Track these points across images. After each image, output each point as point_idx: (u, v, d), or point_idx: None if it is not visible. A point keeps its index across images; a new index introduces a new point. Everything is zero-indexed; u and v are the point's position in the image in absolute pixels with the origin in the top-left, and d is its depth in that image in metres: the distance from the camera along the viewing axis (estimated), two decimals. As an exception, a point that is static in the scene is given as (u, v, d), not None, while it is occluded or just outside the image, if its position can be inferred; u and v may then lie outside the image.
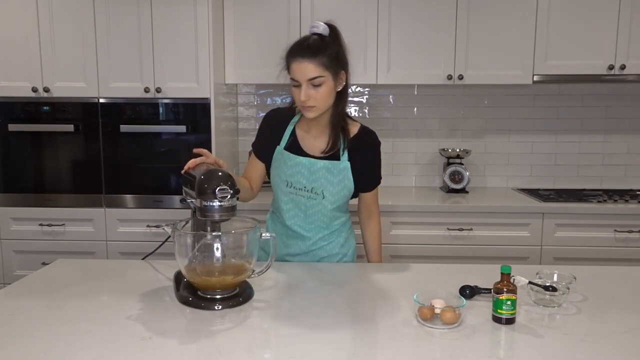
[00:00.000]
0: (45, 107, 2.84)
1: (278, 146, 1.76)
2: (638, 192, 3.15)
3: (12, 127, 2.84)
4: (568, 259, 2.81)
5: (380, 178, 1.85)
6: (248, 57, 3.01)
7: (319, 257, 1.85)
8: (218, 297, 1.42)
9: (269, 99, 3.39)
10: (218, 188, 1.41)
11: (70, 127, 2.83)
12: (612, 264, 2.78)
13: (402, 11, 2.95)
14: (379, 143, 1.79)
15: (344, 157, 1.72)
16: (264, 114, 1.79)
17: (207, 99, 2.81)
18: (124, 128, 2.83)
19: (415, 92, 3.35)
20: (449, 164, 3.24)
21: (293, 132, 1.76)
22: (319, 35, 1.62)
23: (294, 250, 1.84)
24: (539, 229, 2.81)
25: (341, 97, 1.69)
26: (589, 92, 3.30)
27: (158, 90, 2.80)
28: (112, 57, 2.80)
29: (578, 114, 3.33)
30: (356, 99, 3.38)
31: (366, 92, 3.37)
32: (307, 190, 1.73)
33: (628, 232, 2.79)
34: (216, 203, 1.42)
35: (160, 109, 2.84)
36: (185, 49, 2.79)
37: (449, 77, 2.97)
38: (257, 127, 1.87)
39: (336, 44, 1.64)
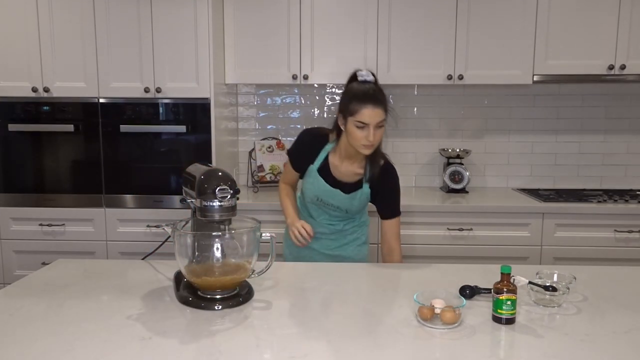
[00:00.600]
0: (45, 107, 2.84)
1: (312, 165, 1.97)
2: (638, 192, 3.15)
3: (12, 127, 2.84)
4: (568, 259, 2.81)
5: (399, 211, 2.00)
6: (248, 57, 3.01)
7: (345, 234, 2.07)
8: (218, 297, 1.42)
9: (269, 99, 3.40)
10: (218, 188, 1.41)
11: (70, 127, 2.83)
12: (612, 264, 2.78)
13: (402, 11, 2.94)
14: (396, 181, 1.98)
15: (366, 186, 1.95)
16: (264, 114, 1.81)
17: (207, 99, 2.81)
18: (124, 128, 2.83)
19: (415, 92, 3.35)
20: (449, 164, 3.24)
21: (326, 158, 1.96)
22: (373, 83, 1.83)
23: (323, 230, 2.05)
24: (539, 229, 2.81)
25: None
26: (589, 92, 3.30)
27: (158, 90, 2.80)
28: (112, 57, 2.80)
29: (578, 114, 3.33)
30: (356, 99, 3.37)
31: (366, 92, 3.37)
32: (333, 207, 1.99)
33: (628, 232, 2.79)
34: (216, 203, 1.42)
35: (160, 109, 2.84)
36: (185, 49, 2.79)
37: (449, 77, 2.97)
38: (295, 141, 2.05)
39: (381, 89, 1.84)
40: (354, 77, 1.86)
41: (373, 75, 1.85)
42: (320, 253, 2.07)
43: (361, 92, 1.79)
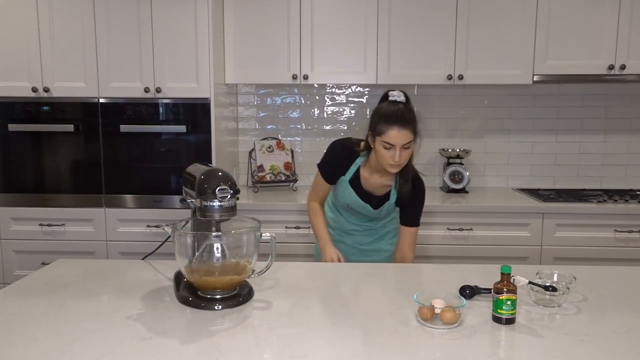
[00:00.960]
0: (45, 107, 2.84)
1: (343, 177, 2.02)
2: (638, 192, 3.15)
3: (12, 127, 2.84)
4: (568, 259, 2.81)
5: (419, 222, 2.05)
6: (248, 57, 3.01)
7: (377, 227, 2.13)
8: (218, 297, 1.42)
9: (269, 99, 3.40)
10: (218, 188, 1.41)
11: (70, 127, 2.83)
12: (612, 264, 2.78)
13: (402, 11, 2.95)
14: (423, 193, 2.03)
15: (393, 198, 2.01)
16: (264, 114, 1.82)
17: (207, 99, 2.81)
18: (124, 128, 2.83)
19: (415, 92, 3.34)
20: (449, 164, 3.24)
21: (357, 171, 2.01)
22: (403, 103, 1.85)
23: (356, 227, 2.12)
24: (539, 229, 2.81)
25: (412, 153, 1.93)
26: (589, 92, 3.30)
27: (158, 90, 2.80)
28: (112, 57, 2.80)
29: (578, 114, 3.33)
30: (356, 99, 3.38)
31: (366, 92, 3.37)
32: (363, 214, 2.07)
33: (628, 232, 2.79)
34: (216, 203, 1.42)
35: (160, 109, 2.84)
36: (185, 49, 2.79)
37: (449, 77, 2.97)
38: (325, 153, 2.10)
39: (412, 109, 1.87)
40: (385, 97, 1.89)
41: (405, 95, 1.87)
42: (354, 248, 2.14)
43: (389, 113, 1.82)
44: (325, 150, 2.09)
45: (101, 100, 2.83)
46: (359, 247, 2.15)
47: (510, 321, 1.31)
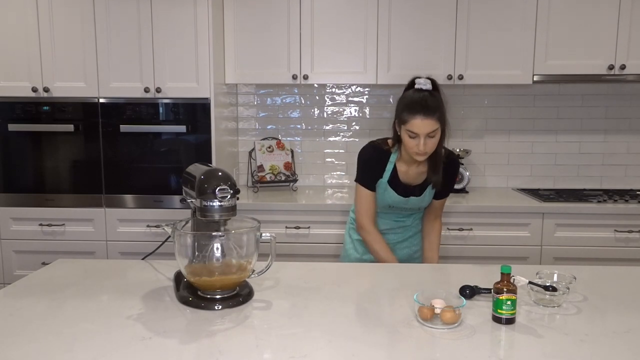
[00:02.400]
0: (45, 107, 2.84)
1: (381, 179, 2.01)
2: (638, 192, 3.15)
3: (12, 127, 2.84)
4: (568, 259, 2.81)
5: (452, 190, 2.14)
6: (248, 57, 3.01)
7: (410, 225, 2.14)
8: (218, 297, 1.42)
9: (269, 99, 3.40)
10: (218, 188, 1.41)
11: (70, 127, 2.83)
12: (612, 264, 2.78)
13: (402, 11, 2.95)
14: (458, 166, 2.09)
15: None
16: (264, 114, 1.81)
17: (207, 99, 2.81)
18: (124, 128, 2.83)
19: (415, 92, 3.34)
20: (449, 164, 3.24)
21: (394, 168, 2.00)
22: (429, 92, 1.83)
23: (391, 226, 2.12)
24: (539, 229, 2.81)
25: (440, 143, 1.90)
26: (589, 92, 3.30)
27: (158, 90, 2.80)
28: (112, 57, 2.80)
29: (578, 114, 3.33)
30: (356, 99, 3.38)
31: (366, 92, 3.37)
32: (406, 209, 2.08)
33: (628, 232, 2.79)
34: (216, 203, 1.42)
35: (160, 109, 2.84)
36: (185, 49, 2.79)
37: (449, 77, 2.97)
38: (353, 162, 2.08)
39: (440, 97, 1.85)
40: (411, 84, 1.89)
41: (433, 82, 1.86)
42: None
43: (413, 102, 1.81)
44: (356, 162, 2.06)
45: (101, 100, 2.83)
46: (390, 247, 2.10)
47: (510, 321, 1.31)
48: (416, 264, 2.01)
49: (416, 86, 1.85)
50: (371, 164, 2.01)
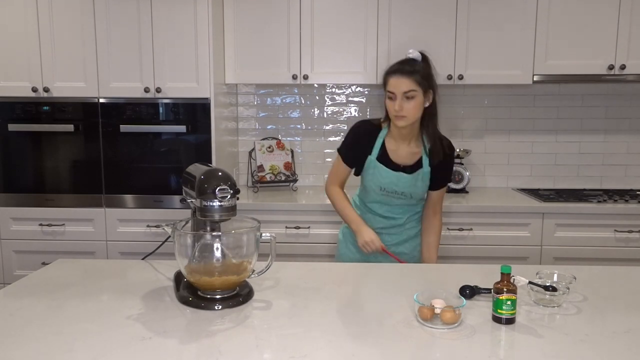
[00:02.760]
0: (45, 107, 2.84)
1: (370, 156, 1.99)
2: (638, 192, 3.15)
3: (12, 127, 2.84)
4: (568, 259, 2.81)
5: (449, 180, 2.12)
6: (248, 57, 3.01)
7: (404, 229, 2.09)
8: (218, 297, 1.42)
9: (269, 99, 3.40)
10: (218, 188, 1.41)
11: (70, 127, 2.83)
12: (612, 264, 2.78)
13: (402, 11, 2.95)
14: (453, 151, 2.05)
15: (426, 163, 1.99)
16: (264, 114, 1.82)
17: (207, 99, 2.81)
18: (124, 128, 2.83)
19: (415, 92, 3.34)
20: (449, 164, 3.24)
21: (383, 145, 1.99)
22: (413, 59, 1.90)
23: (383, 225, 2.07)
24: (539, 229, 2.81)
25: (430, 116, 1.95)
26: (589, 92, 3.30)
27: (158, 90, 2.80)
28: (112, 57, 2.80)
29: (578, 114, 3.33)
30: (356, 99, 3.38)
31: (366, 92, 3.37)
32: (398, 194, 2.00)
33: (628, 232, 2.79)
34: (216, 203, 1.42)
35: (160, 109, 2.84)
36: (185, 49, 2.79)
37: (449, 77, 2.97)
38: (346, 136, 2.08)
39: (427, 68, 1.90)
40: None
41: (423, 55, 1.90)
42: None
43: (393, 64, 1.89)
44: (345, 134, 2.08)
45: (101, 100, 2.83)
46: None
47: (510, 321, 1.31)
48: (416, 264, 2.01)
49: (406, 55, 1.91)
50: (359, 137, 2.01)
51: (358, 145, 2.01)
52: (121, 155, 2.86)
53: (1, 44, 2.81)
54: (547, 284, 1.44)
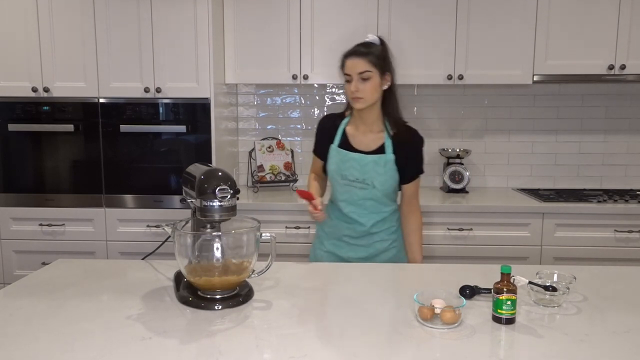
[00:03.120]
0: (45, 107, 2.84)
1: (332, 145, 1.98)
2: (638, 192, 3.15)
3: (12, 127, 2.84)
4: (568, 259, 2.81)
5: (421, 170, 2.01)
6: (248, 57, 3.01)
7: (373, 241, 2.00)
8: (218, 297, 1.42)
9: (269, 99, 3.40)
10: (218, 188, 1.41)
11: (70, 127, 2.83)
12: (612, 264, 2.78)
13: (402, 11, 2.95)
14: (421, 139, 1.99)
15: (389, 150, 1.93)
16: (264, 114, 1.82)
17: (207, 99, 2.81)
18: (124, 128, 2.83)
19: (415, 92, 3.35)
20: (449, 164, 3.24)
21: (344, 132, 1.99)
22: (370, 42, 1.92)
23: (350, 233, 2.00)
24: (539, 229, 2.81)
25: (389, 99, 1.93)
26: (589, 92, 3.30)
27: (158, 90, 2.80)
28: (112, 57, 2.80)
29: (578, 114, 3.33)
30: (356, 99, 3.37)
31: (366, 92, 3.37)
32: (360, 182, 1.93)
33: (628, 232, 2.79)
34: (216, 203, 1.42)
35: (160, 109, 2.84)
36: (185, 49, 2.79)
37: (449, 77, 2.97)
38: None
39: (383, 51, 1.91)
40: None
41: (381, 39, 1.92)
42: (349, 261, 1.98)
43: (350, 48, 1.92)
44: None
45: (101, 100, 2.83)
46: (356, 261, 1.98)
47: (510, 321, 1.31)
48: (416, 264, 2.01)
49: (365, 39, 1.93)
50: (322, 130, 2.04)
51: (322, 137, 2.04)
52: (121, 155, 2.86)
53: (1, 44, 2.81)
54: (547, 284, 1.44)
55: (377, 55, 1.87)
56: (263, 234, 1.48)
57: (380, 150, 1.93)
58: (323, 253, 2.08)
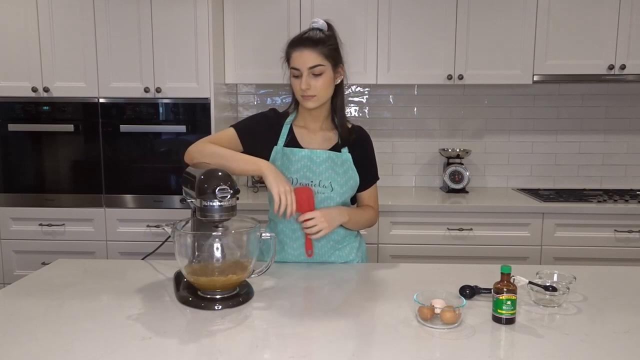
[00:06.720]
0: (45, 107, 2.84)
1: (276, 146, 1.72)
2: (638, 192, 3.15)
3: (12, 127, 2.84)
4: (568, 259, 2.81)
5: (376, 176, 1.83)
6: (248, 57, 3.01)
7: (334, 255, 1.77)
8: (218, 297, 1.42)
9: (269, 99, 3.39)
10: (218, 188, 1.41)
11: (70, 127, 2.83)
12: (612, 264, 2.78)
13: (402, 11, 2.95)
14: (371, 140, 1.82)
15: (345, 150, 1.74)
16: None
17: (207, 99, 2.81)
18: (124, 128, 2.83)
19: (415, 92, 3.35)
20: (449, 164, 3.24)
21: (290, 130, 1.75)
22: (319, 29, 1.66)
23: (299, 254, 1.74)
24: (539, 229, 2.81)
25: (339, 92, 1.73)
26: (589, 92, 3.30)
27: (158, 90, 2.80)
28: (112, 57, 2.80)
29: (578, 114, 3.33)
30: (356, 99, 3.38)
31: (366, 92, 3.37)
32: (315, 185, 1.68)
33: (628, 232, 2.79)
34: (216, 203, 1.42)
35: (160, 109, 2.84)
36: (185, 49, 2.79)
37: (449, 77, 2.97)
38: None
39: (334, 39, 1.68)
40: None
41: (329, 25, 1.67)
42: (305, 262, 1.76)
43: (295, 37, 1.64)
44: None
45: (101, 100, 2.83)
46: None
47: (510, 321, 1.31)
48: (416, 264, 2.00)
49: (310, 25, 1.66)
50: (268, 120, 1.73)
51: (261, 129, 1.72)
52: (121, 155, 2.86)
53: (1, 44, 2.81)
54: (547, 284, 1.44)
55: (329, 46, 1.62)
56: (263, 234, 1.48)
57: (335, 150, 1.73)
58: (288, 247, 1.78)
